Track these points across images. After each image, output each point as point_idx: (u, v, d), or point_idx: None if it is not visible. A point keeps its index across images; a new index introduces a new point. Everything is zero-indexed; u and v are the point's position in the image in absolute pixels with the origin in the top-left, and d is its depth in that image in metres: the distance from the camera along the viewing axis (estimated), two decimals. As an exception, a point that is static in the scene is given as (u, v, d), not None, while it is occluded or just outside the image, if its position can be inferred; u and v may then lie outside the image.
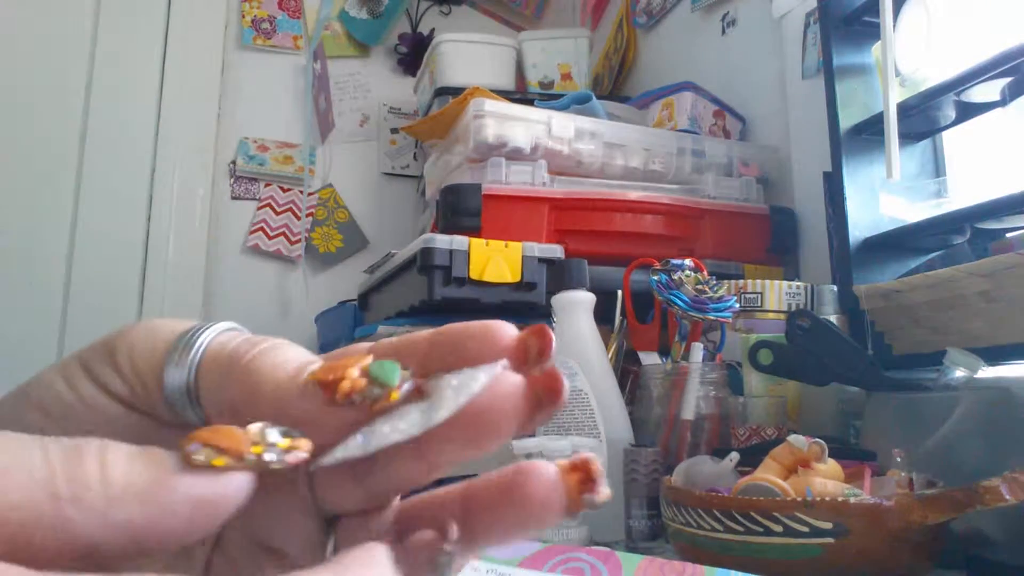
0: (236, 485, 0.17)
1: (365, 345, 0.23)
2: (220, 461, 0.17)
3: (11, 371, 1.71)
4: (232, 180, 1.86)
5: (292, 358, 0.20)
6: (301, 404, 0.19)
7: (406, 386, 0.20)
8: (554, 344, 0.21)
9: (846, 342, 0.69)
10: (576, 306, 0.78)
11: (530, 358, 0.21)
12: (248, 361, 0.20)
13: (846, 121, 0.89)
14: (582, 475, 0.21)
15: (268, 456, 0.18)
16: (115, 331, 0.22)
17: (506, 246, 0.97)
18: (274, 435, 0.18)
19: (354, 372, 0.19)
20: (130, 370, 0.21)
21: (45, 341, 1.65)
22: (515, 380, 0.20)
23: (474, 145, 1.04)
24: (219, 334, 0.22)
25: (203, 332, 0.21)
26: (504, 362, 0.21)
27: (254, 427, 0.18)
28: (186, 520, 0.17)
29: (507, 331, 0.21)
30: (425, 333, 0.22)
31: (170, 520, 0.16)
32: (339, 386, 0.19)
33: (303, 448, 0.18)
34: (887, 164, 0.79)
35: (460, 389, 0.20)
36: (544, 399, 0.21)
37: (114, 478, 0.16)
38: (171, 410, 0.21)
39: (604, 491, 0.21)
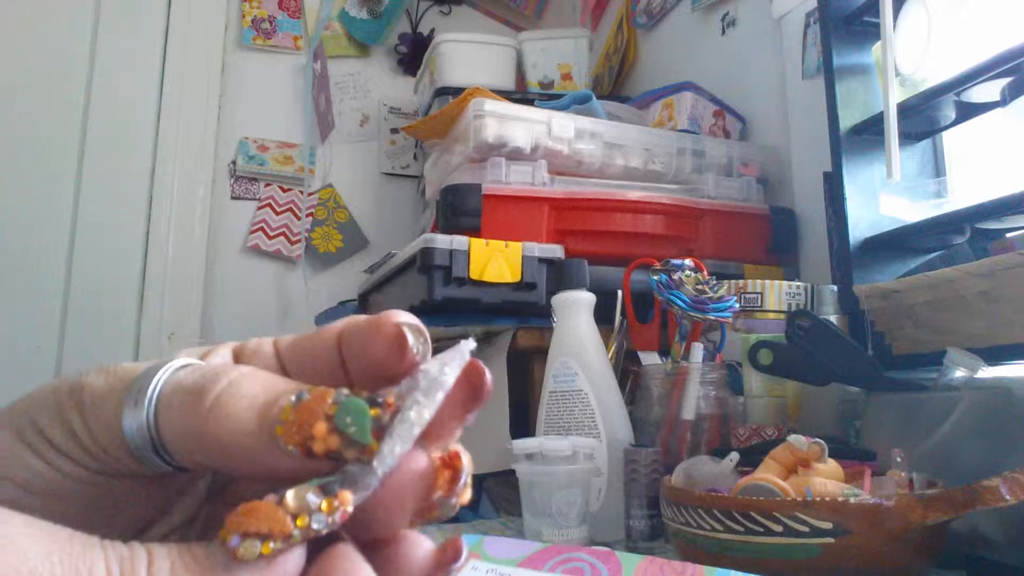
0: (291, 564, 0.16)
1: (334, 330, 0.21)
2: (268, 548, 0.16)
3: (11, 371, 1.70)
4: (232, 180, 1.86)
5: (245, 408, 0.18)
6: (281, 465, 0.18)
7: (385, 419, 0.18)
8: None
9: (846, 342, 0.69)
10: (576, 306, 0.78)
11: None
12: (204, 423, 0.18)
13: (846, 121, 0.89)
14: (451, 473, 0.19)
15: (315, 524, 0.16)
16: (60, 388, 0.20)
17: (506, 246, 0.97)
18: (313, 498, 0.17)
19: (322, 428, 0.17)
20: (90, 441, 0.20)
21: (45, 341, 1.66)
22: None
23: (474, 145, 1.04)
24: (162, 388, 0.19)
25: (148, 387, 0.19)
26: (471, 345, 0.20)
27: (290, 496, 0.17)
28: None
29: (390, 326, 0.20)
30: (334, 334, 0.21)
31: None
32: (312, 447, 0.17)
33: (347, 503, 0.17)
34: (887, 164, 0.79)
35: (429, 391, 0.19)
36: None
37: None
38: (146, 466, 0.20)
39: (465, 494, 0.19)
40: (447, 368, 0.19)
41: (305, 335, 0.22)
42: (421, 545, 0.20)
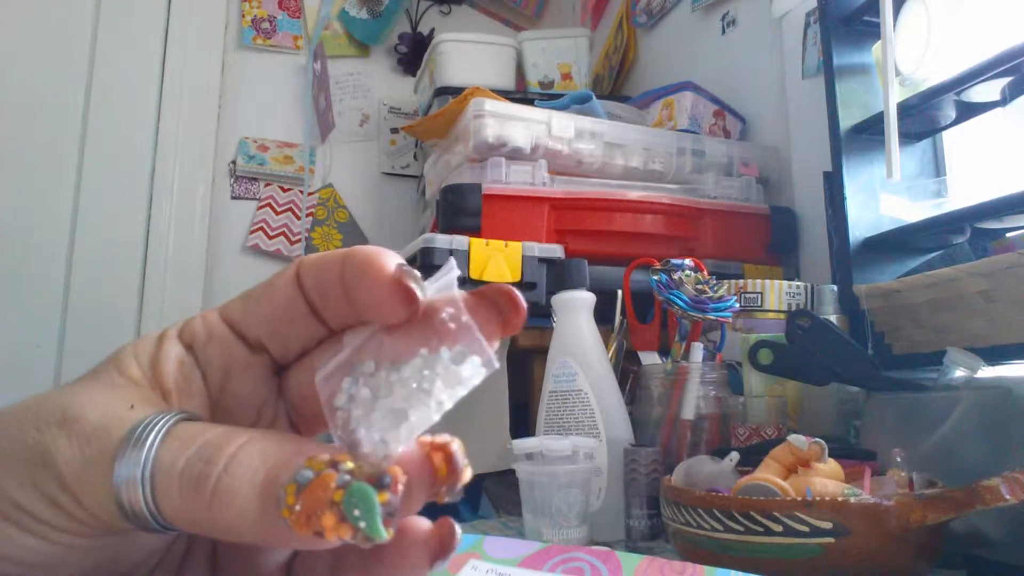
0: None
1: (287, 279, 0.21)
2: None
3: (12, 371, 1.69)
4: (232, 180, 1.86)
5: (247, 492, 0.18)
6: (291, 545, 0.19)
7: (395, 504, 0.17)
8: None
9: (846, 342, 0.69)
10: (576, 306, 0.78)
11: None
12: (208, 512, 0.18)
13: (846, 121, 0.89)
14: (443, 455, 0.19)
15: None
16: (19, 456, 0.19)
17: (506, 246, 0.97)
18: None
19: (331, 520, 0.17)
20: (84, 514, 0.19)
21: (45, 340, 1.65)
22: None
23: (474, 145, 1.04)
24: (153, 468, 0.18)
25: (139, 470, 0.18)
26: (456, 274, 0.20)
27: None
28: None
29: (388, 264, 0.20)
30: (338, 264, 0.21)
31: None
32: (323, 535, 0.17)
33: None
34: (887, 164, 0.78)
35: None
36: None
37: None
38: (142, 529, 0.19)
39: (465, 473, 0.19)
40: (472, 357, 0.19)
41: (254, 294, 0.22)
42: (422, 527, 0.20)
